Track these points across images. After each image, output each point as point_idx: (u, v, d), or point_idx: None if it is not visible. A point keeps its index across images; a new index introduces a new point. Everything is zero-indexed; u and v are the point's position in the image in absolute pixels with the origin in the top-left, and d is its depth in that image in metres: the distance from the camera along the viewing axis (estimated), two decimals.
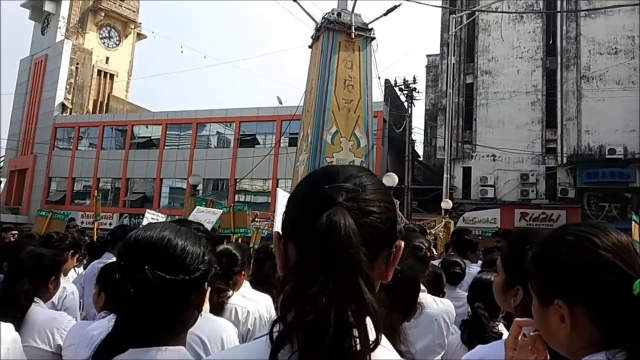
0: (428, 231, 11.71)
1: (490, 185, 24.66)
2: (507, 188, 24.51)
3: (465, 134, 25.91)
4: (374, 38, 12.81)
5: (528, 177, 24.04)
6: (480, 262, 4.89)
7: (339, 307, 0.73)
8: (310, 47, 13.34)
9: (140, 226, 1.22)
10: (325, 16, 12.62)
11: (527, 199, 23.93)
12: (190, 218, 5.36)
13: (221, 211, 7.14)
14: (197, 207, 7.23)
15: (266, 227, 10.05)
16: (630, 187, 22.63)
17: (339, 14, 12.59)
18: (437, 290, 2.92)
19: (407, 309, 1.99)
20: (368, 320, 0.77)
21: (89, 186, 34.25)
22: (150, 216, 11.14)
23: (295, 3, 12.26)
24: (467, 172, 25.52)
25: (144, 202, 32.06)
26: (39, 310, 2.38)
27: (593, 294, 0.94)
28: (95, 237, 7.04)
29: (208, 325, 1.79)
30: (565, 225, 1.11)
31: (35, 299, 2.40)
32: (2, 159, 39.23)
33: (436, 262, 4.21)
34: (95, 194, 7.73)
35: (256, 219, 11.04)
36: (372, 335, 0.76)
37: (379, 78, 24.62)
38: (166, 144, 32.50)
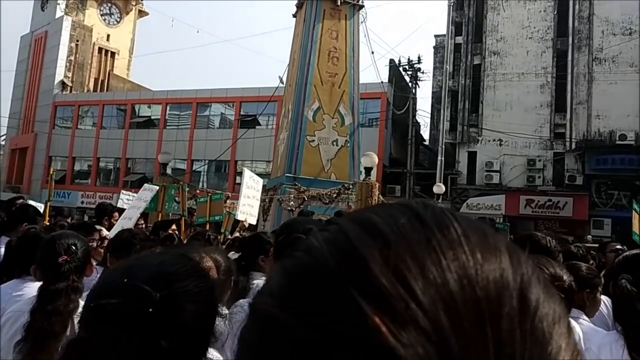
0: None
1: (496, 171, 23.91)
2: (513, 174, 23.75)
3: (472, 117, 25.08)
4: (362, 6, 11.76)
5: (535, 163, 23.23)
6: None
7: None
8: (294, 15, 12.41)
9: None
10: None
11: (533, 185, 23.14)
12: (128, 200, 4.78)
13: (156, 188, 6.57)
14: (145, 185, 6.65)
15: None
16: None
17: None
18: None
19: None
20: None
21: (90, 165, 34.06)
22: (126, 197, 10.61)
23: None
24: (472, 156, 24.79)
25: (144, 182, 31.53)
26: None
27: None
28: (46, 219, 6.44)
29: None
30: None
31: None
32: (4, 137, 39.00)
33: None
34: (51, 172, 7.10)
35: (227, 201, 10.39)
36: None
37: (373, 53, 23.56)
38: (167, 123, 31.97)
